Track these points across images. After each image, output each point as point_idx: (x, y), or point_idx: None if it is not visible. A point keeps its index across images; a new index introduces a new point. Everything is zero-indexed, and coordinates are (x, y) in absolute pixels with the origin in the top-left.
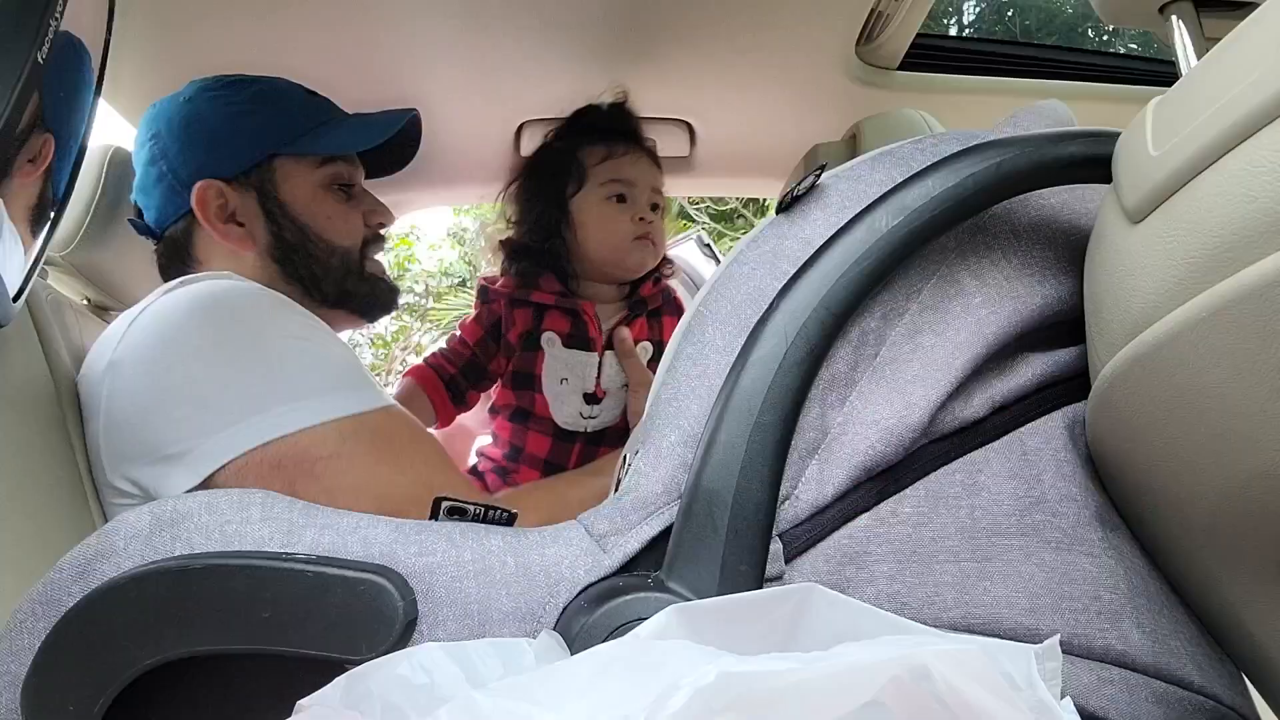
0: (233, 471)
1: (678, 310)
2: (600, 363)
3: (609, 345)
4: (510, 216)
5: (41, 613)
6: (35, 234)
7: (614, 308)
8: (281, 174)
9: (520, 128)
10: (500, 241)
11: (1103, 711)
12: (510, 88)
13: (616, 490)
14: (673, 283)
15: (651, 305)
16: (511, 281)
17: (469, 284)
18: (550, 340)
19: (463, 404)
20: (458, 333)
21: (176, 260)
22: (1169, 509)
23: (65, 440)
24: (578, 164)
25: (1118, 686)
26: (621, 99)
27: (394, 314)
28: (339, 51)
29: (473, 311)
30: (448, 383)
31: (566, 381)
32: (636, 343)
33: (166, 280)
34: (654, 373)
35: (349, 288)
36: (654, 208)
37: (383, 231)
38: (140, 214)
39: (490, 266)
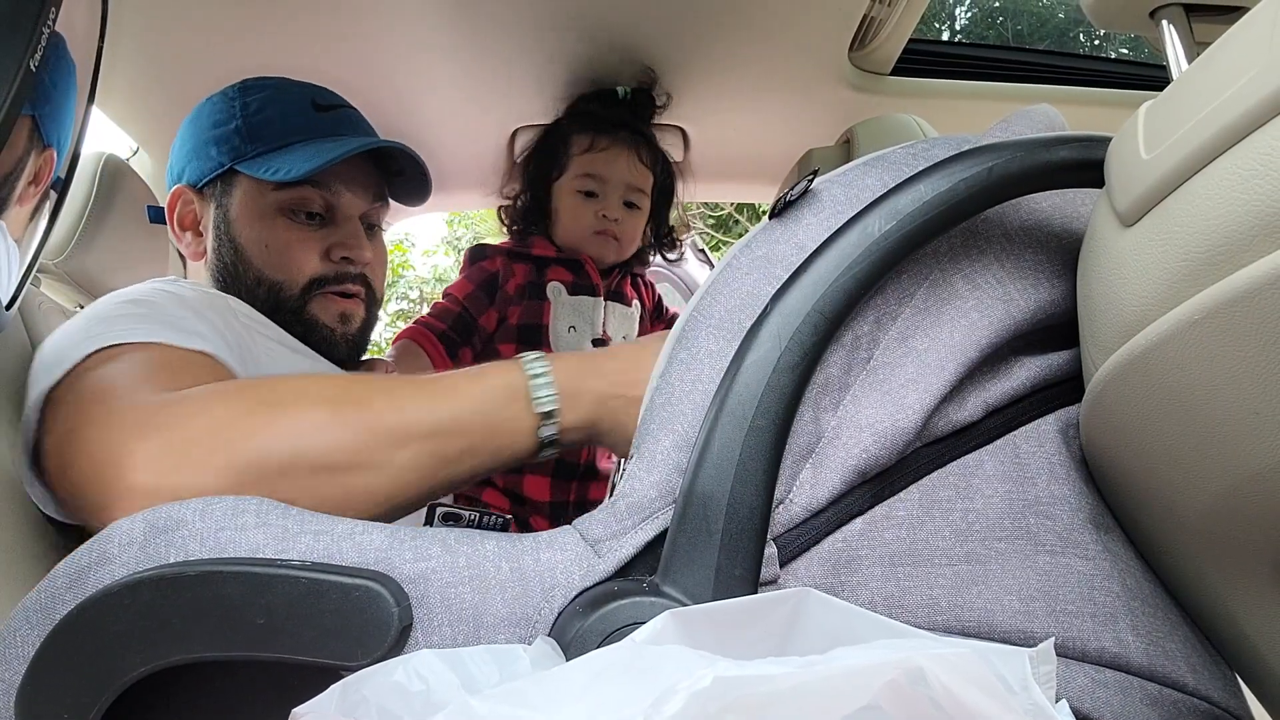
0: (66, 384)
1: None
2: (605, 308)
3: (610, 295)
4: (513, 184)
5: (35, 621)
6: (28, 241)
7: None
8: (240, 190)
9: (514, 134)
10: (500, 208)
11: (1097, 714)
12: (504, 94)
13: (611, 495)
14: (664, 287)
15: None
16: (511, 239)
17: None
18: (556, 290)
19: (455, 360)
20: (441, 300)
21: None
22: (1163, 511)
23: None
24: (565, 149)
25: (1112, 689)
26: (641, 85)
27: (388, 322)
28: (332, 58)
29: (459, 275)
30: (440, 337)
31: (575, 329)
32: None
33: None
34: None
35: (281, 324)
36: (629, 205)
37: (349, 269)
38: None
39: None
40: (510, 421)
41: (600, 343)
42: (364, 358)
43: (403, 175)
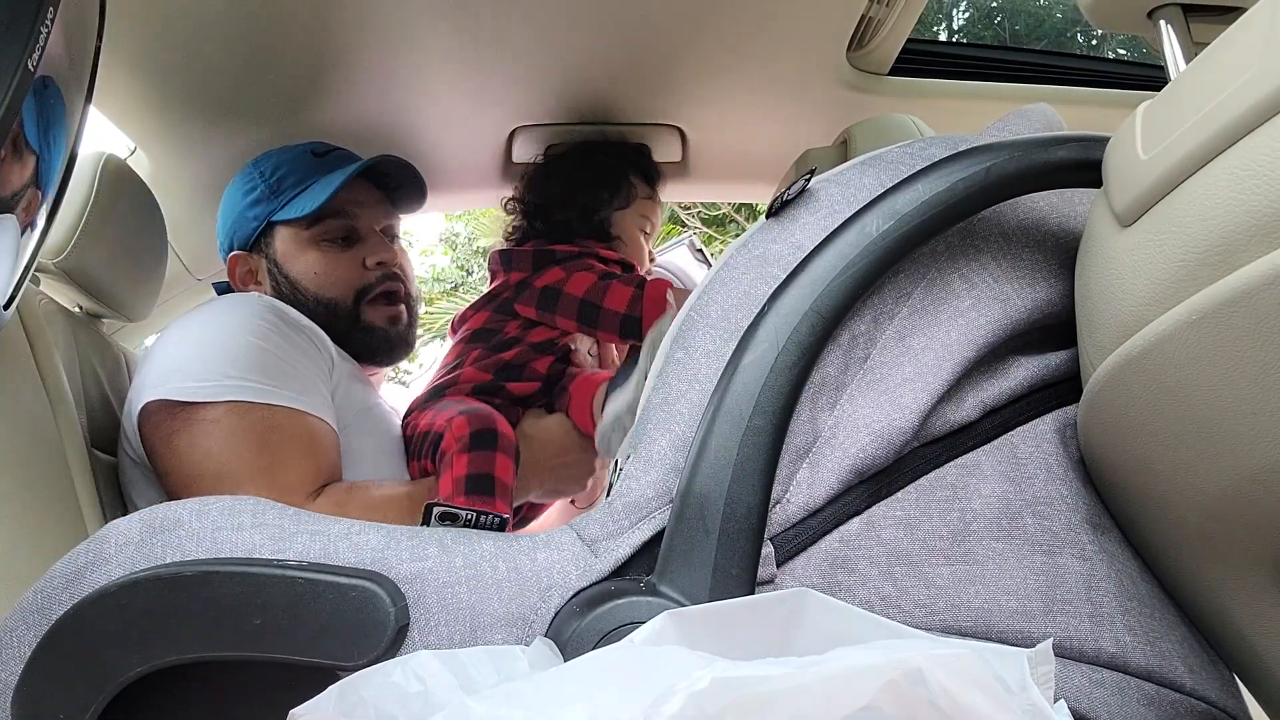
0: (150, 409)
1: None
2: None
3: None
4: (536, 183)
5: (32, 621)
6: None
7: None
8: (279, 238)
9: (512, 134)
10: (535, 208)
11: (1094, 714)
12: (502, 94)
13: (608, 495)
14: None
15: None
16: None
17: (461, 289)
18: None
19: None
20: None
21: None
22: (1160, 511)
23: (58, 446)
24: (629, 185)
25: (1109, 689)
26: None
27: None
28: (330, 58)
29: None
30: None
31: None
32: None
33: None
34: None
35: (342, 335)
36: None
37: (384, 271)
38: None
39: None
40: None
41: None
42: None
43: (401, 188)
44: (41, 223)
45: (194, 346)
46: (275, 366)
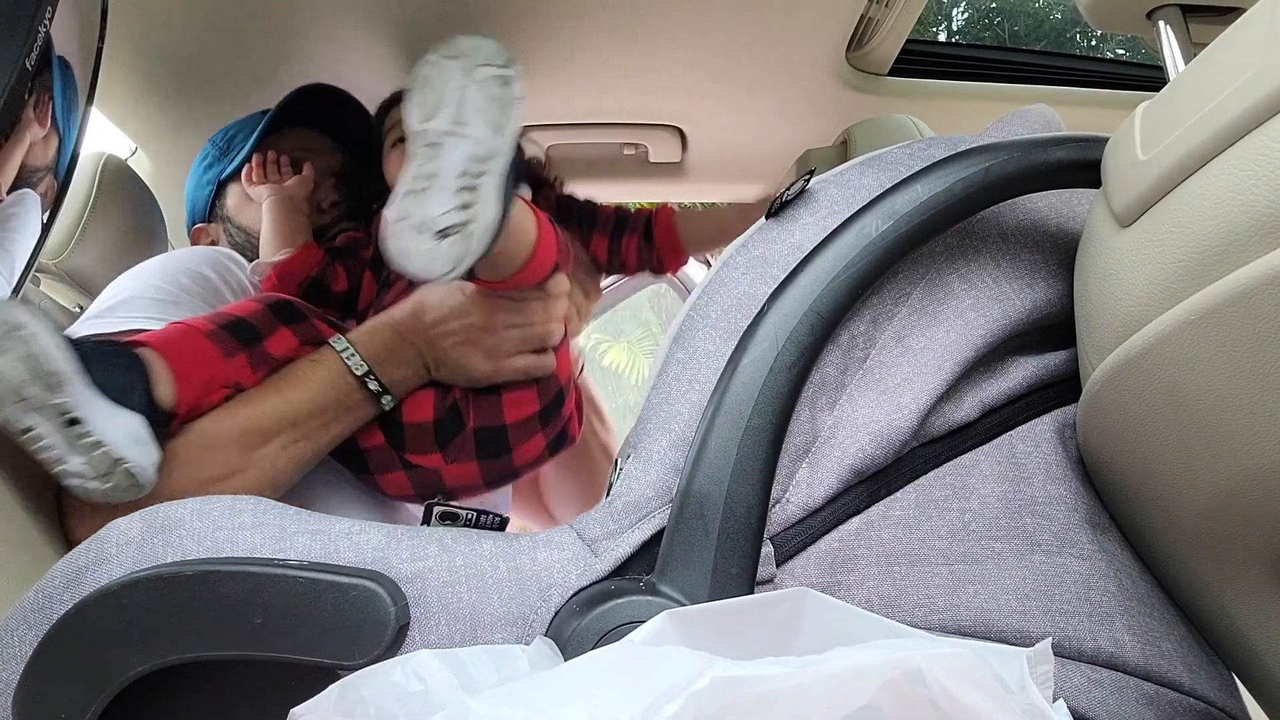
0: None
1: None
2: None
3: None
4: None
5: (33, 620)
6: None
7: None
8: (230, 195)
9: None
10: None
11: (1093, 713)
12: None
13: (608, 495)
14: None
15: None
16: None
17: None
18: None
19: None
20: None
21: None
22: (1159, 511)
23: None
24: None
25: (1108, 689)
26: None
27: None
28: (326, 54)
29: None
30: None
31: None
32: None
33: None
34: None
35: None
36: None
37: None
38: None
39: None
40: (348, 394)
41: None
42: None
43: (353, 135)
44: (43, 223)
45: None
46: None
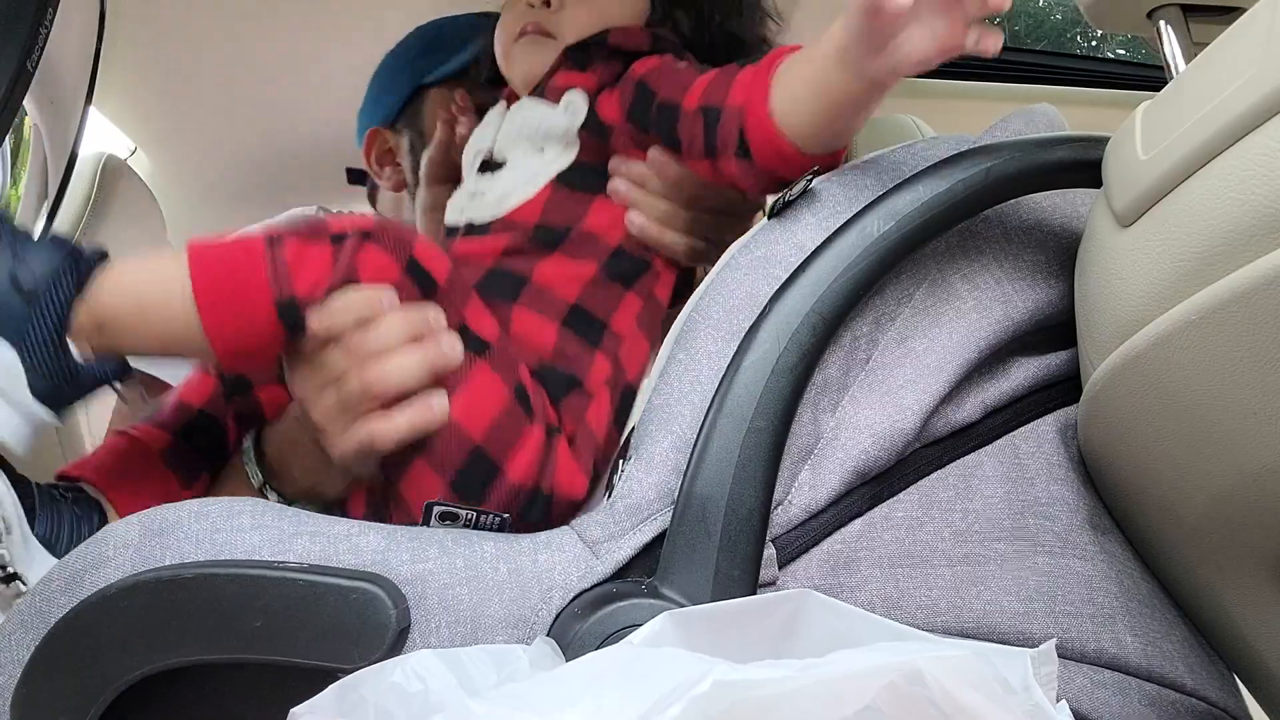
0: None
1: None
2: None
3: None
4: None
5: (31, 624)
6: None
7: None
8: (429, 105)
9: None
10: None
11: (1095, 715)
12: None
13: (609, 496)
14: None
15: None
16: None
17: None
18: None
19: None
20: None
21: None
22: (1161, 512)
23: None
24: None
25: (1110, 689)
26: None
27: None
28: (326, 52)
29: None
30: None
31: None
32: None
33: None
34: None
35: None
36: None
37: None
38: None
39: None
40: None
41: (490, 165)
42: None
43: None
44: (42, 223)
45: None
46: None
